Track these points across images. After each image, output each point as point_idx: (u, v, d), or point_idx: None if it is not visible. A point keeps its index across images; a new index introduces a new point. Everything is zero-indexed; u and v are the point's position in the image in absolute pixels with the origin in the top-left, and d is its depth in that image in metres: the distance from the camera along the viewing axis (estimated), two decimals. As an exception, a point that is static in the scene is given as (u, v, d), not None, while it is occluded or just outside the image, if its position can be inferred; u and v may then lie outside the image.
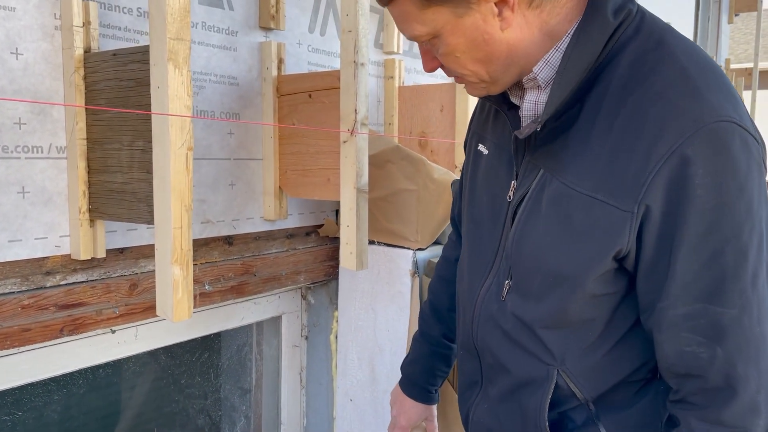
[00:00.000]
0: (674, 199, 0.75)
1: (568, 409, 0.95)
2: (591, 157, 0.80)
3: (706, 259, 0.76)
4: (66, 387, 1.32)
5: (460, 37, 0.81)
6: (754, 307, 0.76)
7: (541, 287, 0.90)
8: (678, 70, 0.77)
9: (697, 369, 0.79)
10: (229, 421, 1.69)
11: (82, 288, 1.18)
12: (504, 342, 0.99)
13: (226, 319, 1.55)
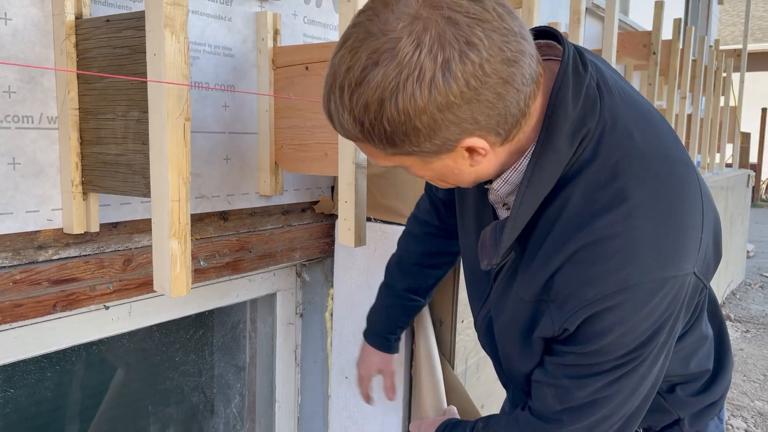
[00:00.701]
0: (587, 332, 0.83)
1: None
2: (537, 270, 0.85)
3: (587, 364, 0.86)
4: (59, 364, 1.30)
5: (428, 171, 0.82)
6: (606, 399, 0.88)
7: (508, 355, 1.00)
8: (623, 218, 0.79)
9: (541, 400, 0.94)
10: (223, 399, 1.68)
11: (75, 263, 1.15)
12: (502, 367, 1.09)
13: (220, 296, 1.53)
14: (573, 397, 0.89)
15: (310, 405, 1.80)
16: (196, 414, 1.61)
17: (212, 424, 1.65)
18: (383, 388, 1.50)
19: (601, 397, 0.87)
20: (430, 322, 1.54)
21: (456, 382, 1.53)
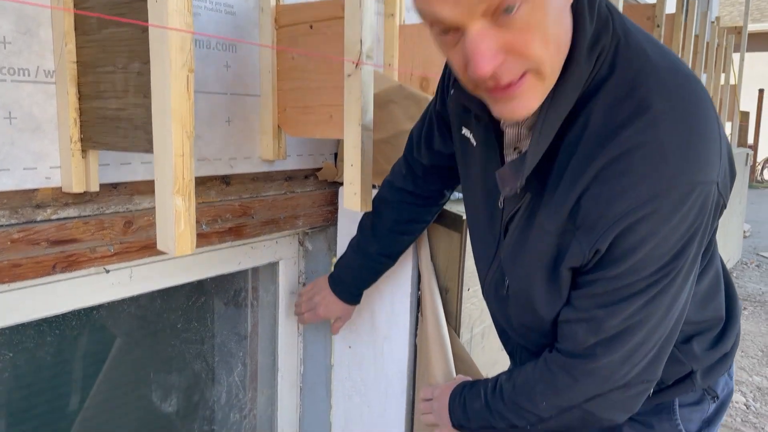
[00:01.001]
0: (619, 249, 0.82)
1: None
2: (561, 200, 0.85)
3: (618, 287, 0.85)
4: (59, 328, 1.27)
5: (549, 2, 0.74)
6: (639, 324, 0.87)
7: (526, 307, 0.98)
8: (648, 126, 0.78)
9: (572, 338, 0.92)
10: (226, 367, 1.66)
11: (74, 223, 1.12)
12: (513, 329, 1.05)
13: (223, 264, 1.50)
14: (606, 327, 0.87)
15: (312, 375, 1.78)
16: (199, 382, 1.59)
17: (214, 393, 1.63)
18: (331, 327, 1.59)
19: (635, 322, 0.86)
20: (437, 289, 1.52)
21: (462, 350, 1.51)
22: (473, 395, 1.15)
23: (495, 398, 1.07)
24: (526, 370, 1.03)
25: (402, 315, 1.60)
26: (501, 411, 1.06)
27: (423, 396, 1.36)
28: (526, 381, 1.01)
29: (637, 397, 0.94)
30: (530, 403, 1.00)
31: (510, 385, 1.05)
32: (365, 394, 1.69)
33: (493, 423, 1.09)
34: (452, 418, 1.23)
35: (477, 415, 1.13)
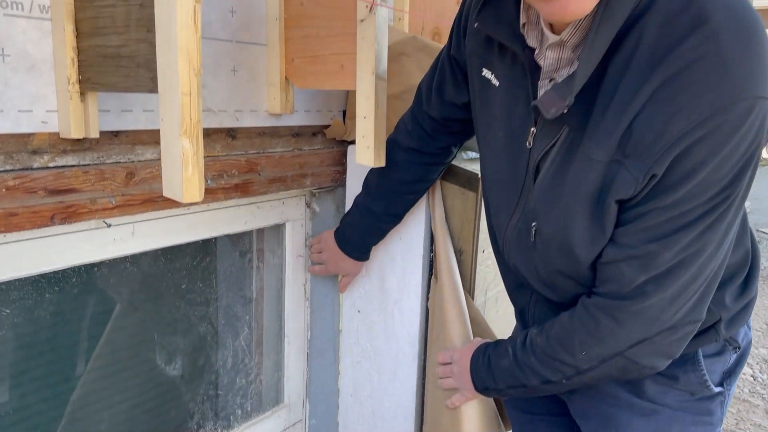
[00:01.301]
0: (677, 173, 0.77)
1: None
2: (610, 126, 0.80)
3: (673, 216, 0.80)
4: (58, 285, 1.21)
5: None
6: (693, 256, 0.83)
7: (560, 250, 0.92)
8: (708, 38, 0.73)
9: (618, 279, 0.87)
10: (232, 330, 1.60)
11: (73, 172, 1.05)
12: (540, 279, 1.00)
13: (228, 223, 1.44)
14: (659, 261, 0.83)
15: (320, 341, 1.73)
16: (204, 345, 1.54)
17: (220, 356, 1.58)
18: (339, 284, 1.60)
19: (689, 254, 0.82)
20: (452, 251, 1.46)
21: (478, 314, 1.46)
22: (499, 353, 1.10)
23: (526, 353, 1.02)
24: (562, 321, 0.97)
25: (413, 278, 1.55)
26: (533, 366, 1.01)
27: (441, 360, 1.32)
28: (563, 331, 0.96)
29: (683, 340, 0.90)
30: (568, 354, 0.95)
31: (543, 338, 1.00)
32: (375, 359, 1.65)
33: (523, 380, 1.04)
34: (475, 381, 1.18)
35: (505, 374, 1.08)
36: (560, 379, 0.99)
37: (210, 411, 1.56)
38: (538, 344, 1.00)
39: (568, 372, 0.97)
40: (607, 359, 0.93)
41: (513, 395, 1.13)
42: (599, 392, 1.10)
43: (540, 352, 1.00)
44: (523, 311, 1.19)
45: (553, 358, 0.98)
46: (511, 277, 1.19)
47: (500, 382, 1.10)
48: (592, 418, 1.13)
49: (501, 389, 1.12)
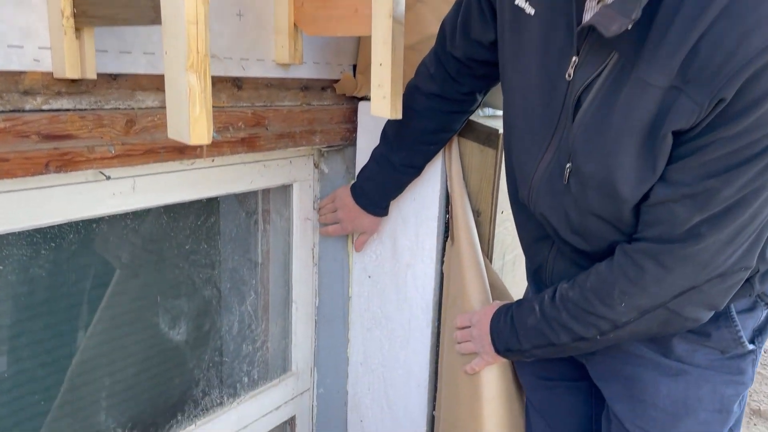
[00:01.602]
0: (745, 99, 0.70)
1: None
2: (671, 47, 0.73)
3: (737, 148, 0.74)
4: (54, 241, 1.13)
5: None
6: (753, 195, 0.76)
7: (600, 190, 0.85)
8: None
9: (669, 221, 0.81)
10: (237, 295, 1.54)
11: (69, 117, 0.97)
12: (570, 226, 0.92)
13: (234, 181, 1.36)
14: (717, 199, 0.76)
15: (329, 307, 1.67)
16: (209, 309, 1.47)
17: (226, 322, 1.52)
18: (354, 242, 1.52)
19: (750, 191, 0.75)
20: (470, 211, 1.39)
21: (496, 277, 1.39)
22: (525, 312, 1.04)
23: (555, 309, 0.96)
24: (599, 271, 0.91)
25: (428, 241, 1.48)
26: (564, 322, 0.94)
27: (459, 324, 1.25)
28: (601, 282, 0.90)
29: (730, 289, 0.83)
30: (605, 307, 0.89)
31: (576, 291, 0.93)
32: (386, 326, 1.58)
33: (552, 338, 0.98)
34: (496, 342, 1.12)
35: (530, 333, 1.02)
36: (594, 335, 0.92)
37: (216, 378, 1.50)
38: (570, 298, 0.94)
39: (604, 327, 0.91)
40: (648, 311, 0.86)
41: (538, 356, 1.07)
42: (622, 353, 1.04)
43: (573, 307, 0.93)
44: (540, 268, 1.13)
45: (587, 312, 0.91)
46: (530, 230, 1.12)
47: (525, 341, 1.04)
48: (615, 381, 1.07)
49: (525, 350, 1.05)
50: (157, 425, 1.32)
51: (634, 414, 1.04)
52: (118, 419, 1.29)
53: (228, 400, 1.46)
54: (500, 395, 1.27)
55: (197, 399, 1.43)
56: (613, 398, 1.08)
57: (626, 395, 1.05)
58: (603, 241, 0.91)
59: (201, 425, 1.38)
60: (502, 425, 1.27)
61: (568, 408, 1.26)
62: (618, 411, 1.06)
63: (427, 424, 1.55)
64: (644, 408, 1.03)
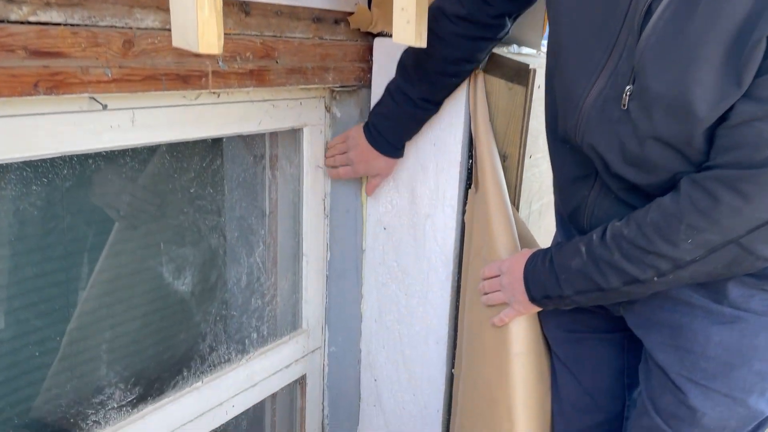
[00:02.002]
0: None
1: None
2: None
3: None
4: (47, 176, 1.03)
5: None
6: None
7: (670, 112, 0.76)
8: None
9: (753, 143, 0.72)
10: (245, 245, 1.44)
11: (59, 31, 0.86)
12: (625, 157, 0.84)
13: (241, 120, 1.26)
14: None
15: (340, 261, 1.57)
16: (215, 260, 1.38)
17: (233, 274, 1.43)
18: (366, 186, 1.42)
19: None
20: (497, 155, 1.29)
21: (523, 226, 1.30)
22: (567, 254, 0.95)
23: (606, 249, 0.87)
24: (662, 204, 0.81)
25: (449, 189, 1.38)
26: (616, 264, 0.85)
27: (488, 273, 1.16)
28: (663, 217, 0.80)
29: None
30: (668, 244, 0.79)
31: (633, 228, 0.83)
32: (403, 280, 1.50)
33: (599, 282, 0.89)
34: (532, 290, 1.03)
35: (574, 277, 0.93)
36: (651, 276, 0.83)
37: (223, 333, 1.41)
38: (625, 236, 0.84)
39: (663, 267, 0.82)
40: (717, 248, 0.77)
41: (580, 303, 0.98)
42: (668, 300, 0.96)
43: (628, 246, 0.84)
44: (577, 210, 1.03)
45: (646, 251, 0.82)
46: (570, 168, 1.02)
47: (567, 287, 0.95)
48: (658, 330, 0.99)
49: (566, 296, 0.96)
50: (162, 381, 1.24)
51: (681, 364, 0.96)
52: (121, 374, 1.21)
53: (236, 357, 1.38)
54: (529, 350, 1.19)
55: (204, 354, 1.34)
56: (655, 348, 0.99)
57: (672, 345, 0.97)
58: (664, 173, 0.82)
59: (208, 382, 1.30)
60: (531, 380, 1.19)
61: (597, 361, 1.19)
62: (662, 361, 0.98)
63: (446, 382, 1.47)
64: (693, 358, 0.94)
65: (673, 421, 0.97)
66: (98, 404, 1.15)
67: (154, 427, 1.21)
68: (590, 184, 0.97)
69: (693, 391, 0.94)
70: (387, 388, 1.57)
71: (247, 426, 1.56)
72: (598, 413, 1.17)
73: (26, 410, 1.10)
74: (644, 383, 1.04)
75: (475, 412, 1.25)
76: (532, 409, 1.19)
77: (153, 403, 1.21)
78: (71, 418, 1.13)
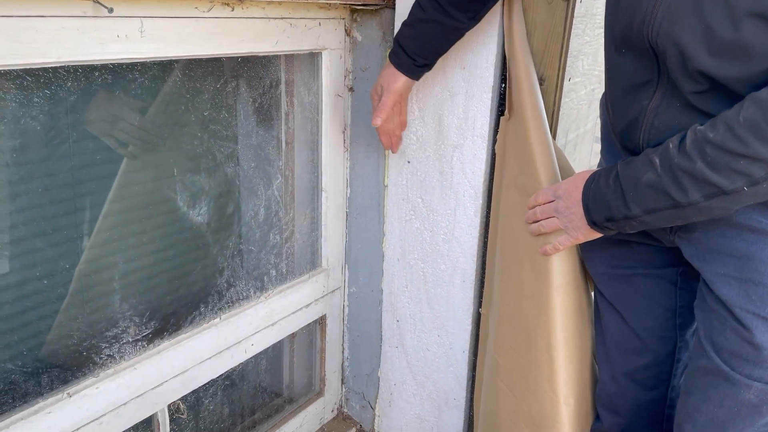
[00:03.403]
0: None
1: None
2: None
3: None
4: (48, 87, 0.94)
5: None
6: None
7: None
8: None
9: None
10: (263, 176, 1.36)
11: None
12: (713, 43, 0.74)
13: (257, 39, 1.16)
14: None
15: (361, 198, 1.49)
16: (231, 189, 1.30)
17: (251, 206, 1.35)
18: (374, 108, 1.24)
19: None
20: (535, 77, 1.19)
21: (562, 155, 1.20)
22: (637, 168, 0.85)
23: (687, 158, 0.77)
24: (759, 98, 0.71)
25: (479, 117, 1.29)
26: (698, 173, 0.75)
27: (541, 200, 1.06)
28: (762, 111, 0.70)
29: None
30: (765, 144, 0.70)
31: (721, 130, 0.73)
32: (427, 217, 1.42)
33: (676, 197, 0.79)
34: (592, 212, 0.93)
35: (645, 193, 0.83)
36: (741, 186, 0.73)
37: (241, 268, 1.35)
38: (711, 140, 0.74)
39: (757, 173, 0.72)
40: None
41: (649, 224, 0.87)
42: (733, 227, 0.87)
43: (714, 151, 0.74)
44: (634, 124, 0.91)
45: (737, 155, 0.72)
46: (630, 74, 0.90)
47: (635, 205, 0.85)
48: (720, 261, 0.90)
49: (633, 216, 0.86)
50: (178, 316, 1.18)
51: (747, 298, 0.87)
52: (136, 308, 1.15)
53: (255, 294, 1.32)
54: (569, 283, 1.12)
55: (221, 290, 1.28)
56: (717, 281, 0.90)
57: (736, 277, 0.88)
58: (761, 61, 0.70)
59: (226, 319, 1.24)
60: (572, 313, 1.12)
61: (646, 299, 1.10)
62: (724, 295, 0.89)
63: (473, 323, 1.41)
64: (761, 291, 0.86)
65: (735, 361, 0.89)
66: (112, 338, 1.09)
67: (171, 364, 1.16)
68: (651, 91, 0.87)
69: (760, 327, 0.86)
70: (410, 328, 1.51)
71: (266, 366, 1.51)
72: (646, 354, 1.09)
73: (39, 344, 1.05)
74: (702, 322, 0.96)
75: (513, 349, 1.19)
76: (571, 344, 1.13)
77: (169, 339, 1.15)
78: (84, 351, 1.07)
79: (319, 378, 1.60)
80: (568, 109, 1.28)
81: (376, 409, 1.65)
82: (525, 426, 1.21)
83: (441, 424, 1.53)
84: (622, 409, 1.15)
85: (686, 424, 0.96)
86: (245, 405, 1.47)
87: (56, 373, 1.03)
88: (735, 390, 0.88)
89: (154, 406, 1.16)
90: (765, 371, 0.86)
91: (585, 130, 1.38)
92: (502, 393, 1.24)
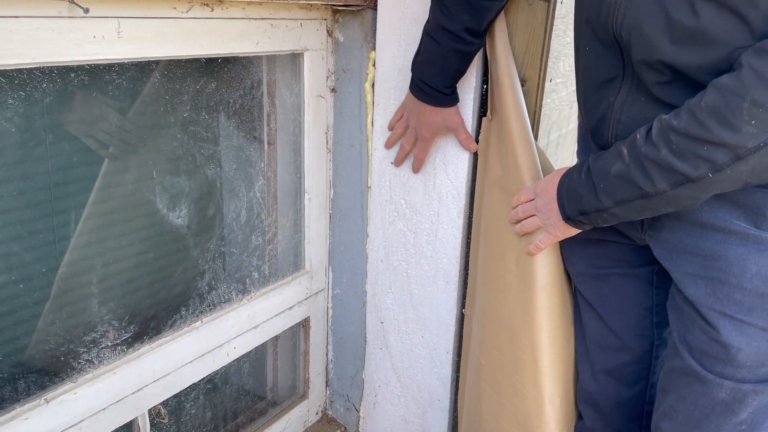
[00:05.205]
0: None
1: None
2: None
3: None
4: (23, 88, 0.93)
5: None
6: None
7: None
8: None
9: None
10: (245, 178, 1.35)
11: None
12: (674, 34, 0.75)
13: (237, 39, 1.15)
14: None
15: (344, 199, 1.49)
16: (212, 191, 1.29)
17: (233, 207, 1.34)
18: (460, 142, 1.27)
19: None
20: (517, 78, 1.19)
21: (543, 155, 1.21)
22: (607, 160, 0.86)
23: (652, 146, 0.77)
24: (720, 84, 0.71)
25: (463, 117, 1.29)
26: (664, 161, 0.76)
27: (522, 198, 1.07)
28: (722, 97, 0.70)
29: None
30: (727, 129, 0.70)
31: (684, 117, 0.74)
32: (411, 218, 1.42)
33: (644, 186, 0.80)
34: (566, 206, 0.94)
35: (614, 184, 0.84)
36: (705, 172, 0.74)
37: (222, 271, 1.33)
38: (675, 127, 0.75)
39: (720, 159, 0.72)
40: None
41: (619, 217, 0.88)
42: (699, 226, 0.87)
43: (678, 138, 0.74)
44: (602, 121, 0.93)
45: (700, 141, 0.72)
46: (598, 69, 0.92)
47: (605, 197, 0.86)
48: (687, 260, 0.90)
49: (604, 208, 0.87)
50: (159, 319, 1.17)
51: (714, 297, 0.88)
52: (115, 311, 1.13)
53: (237, 297, 1.31)
54: (553, 283, 1.12)
55: (203, 293, 1.27)
56: (684, 281, 0.91)
57: (703, 276, 0.89)
58: (721, 47, 0.71)
59: (208, 322, 1.23)
60: (555, 314, 1.13)
61: (623, 298, 1.11)
62: (692, 295, 0.90)
63: (456, 323, 1.41)
64: (726, 290, 0.86)
65: (706, 360, 0.90)
66: (91, 342, 1.08)
67: (151, 368, 1.14)
68: (617, 88, 0.87)
69: (727, 326, 0.87)
70: (394, 330, 1.51)
71: (248, 369, 1.50)
72: (625, 352, 1.10)
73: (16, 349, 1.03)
74: (674, 321, 0.97)
75: (496, 349, 1.19)
76: (556, 344, 1.14)
77: (149, 343, 1.14)
78: (62, 356, 1.06)
79: (303, 380, 1.60)
80: (550, 109, 1.28)
81: (361, 411, 1.64)
82: (508, 426, 1.21)
83: (426, 425, 1.53)
84: (602, 406, 1.16)
85: (663, 422, 0.97)
86: (228, 408, 1.46)
87: (33, 379, 1.02)
88: (707, 389, 0.89)
89: (135, 410, 1.14)
90: (735, 370, 0.86)
91: (567, 130, 1.39)
92: (486, 393, 1.24)
